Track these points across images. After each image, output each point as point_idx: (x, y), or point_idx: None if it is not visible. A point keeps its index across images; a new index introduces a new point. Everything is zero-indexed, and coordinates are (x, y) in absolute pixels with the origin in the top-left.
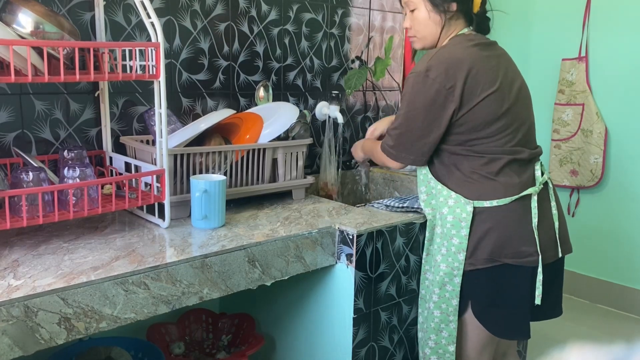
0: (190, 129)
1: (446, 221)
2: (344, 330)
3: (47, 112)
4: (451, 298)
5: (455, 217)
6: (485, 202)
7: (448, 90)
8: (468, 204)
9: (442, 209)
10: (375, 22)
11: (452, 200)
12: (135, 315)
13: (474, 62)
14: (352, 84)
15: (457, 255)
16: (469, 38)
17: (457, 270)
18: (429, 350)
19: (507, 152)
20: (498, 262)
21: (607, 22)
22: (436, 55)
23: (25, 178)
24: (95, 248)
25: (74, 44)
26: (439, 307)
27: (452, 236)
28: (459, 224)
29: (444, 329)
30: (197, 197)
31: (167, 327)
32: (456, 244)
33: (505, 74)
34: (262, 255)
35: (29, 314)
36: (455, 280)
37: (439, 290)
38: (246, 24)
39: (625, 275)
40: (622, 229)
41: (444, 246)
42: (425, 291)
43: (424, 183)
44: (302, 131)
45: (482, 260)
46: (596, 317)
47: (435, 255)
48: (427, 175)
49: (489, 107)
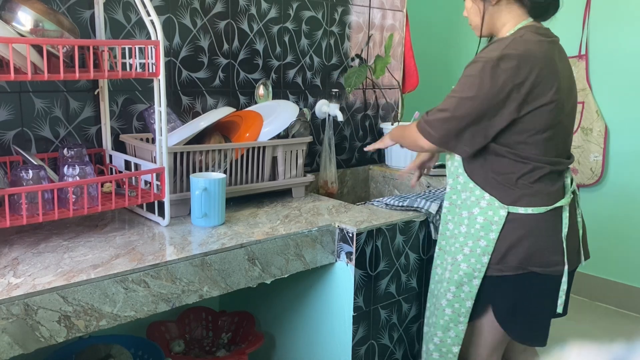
0: (190, 127)
1: (475, 222)
2: (344, 328)
3: (47, 110)
4: (466, 299)
5: (487, 219)
6: (520, 208)
7: (516, 85)
8: (502, 208)
9: (473, 209)
10: (375, 20)
11: (484, 202)
12: (135, 313)
13: (546, 62)
14: (352, 82)
15: (481, 257)
16: (539, 31)
17: (477, 272)
18: (433, 346)
19: (550, 162)
20: (526, 270)
21: (607, 20)
22: (511, 45)
23: (25, 176)
24: (95, 246)
25: (74, 42)
26: (452, 306)
27: (479, 238)
28: (489, 227)
29: (452, 329)
30: (197, 195)
31: (167, 325)
32: (482, 246)
33: (567, 80)
34: (262, 253)
35: (29, 312)
36: (474, 282)
37: (455, 289)
38: (246, 22)
39: (626, 274)
40: (622, 227)
41: (467, 246)
42: (434, 286)
43: (452, 176)
44: (302, 129)
45: (511, 268)
46: (596, 316)
47: (456, 254)
48: (458, 170)
49: (546, 115)
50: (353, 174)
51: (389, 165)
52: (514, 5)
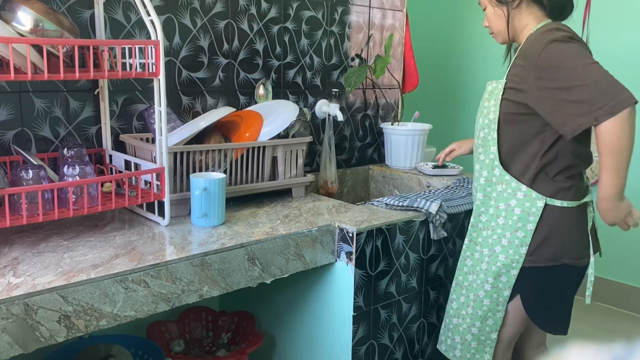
0: (190, 126)
1: (513, 213)
2: (344, 328)
3: (47, 110)
4: (504, 289)
5: (524, 210)
6: (556, 201)
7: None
8: (540, 199)
9: (510, 201)
10: (375, 19)
11: (521, 194)
12: (135, 313)
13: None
14: (352, 81)
15: (519, 248)
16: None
17: (515, 263)
18: (471, 336)
19: (585, 159)
20: (558, 262)
21: (607, 20)
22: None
23: (25, 176)
24: (95, 246)
25: (74, 42)
26: (490, 297)
27: (517, 229)
28: (526, 218)
29: (490, 317)
30: (197, 195)
31: (167, 325)
32: (520, 237)
33: None
34: (262, 253)
35: (29, 312)
36: (512, 272)
37: (492, 280)
38: (246, 22)
39: (626, 273)
40: None
41: (505, 237)
42: (463, 278)
43: (487, 168)
44: (302, 129)
45: (544, 259)
46: (596, 315)
47: (494, 245)
48: (494, 162)
49: None
50: (353, 174)
51: (389, 165)
52: (534, 7)
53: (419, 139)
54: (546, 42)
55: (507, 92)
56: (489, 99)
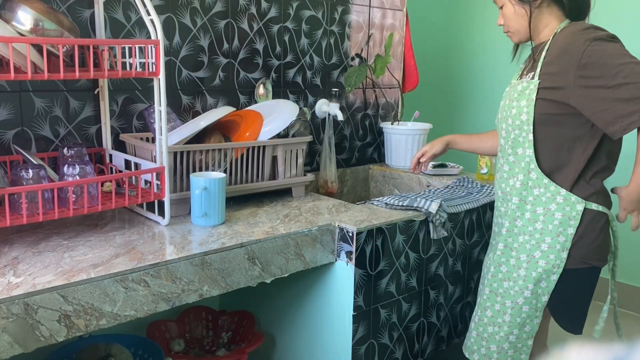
0: (190, 126)
1: (553, 218)
2: (344, 328)
3: (47, 109)
4: (542, 295)
5: (565, 214)
6: (593, 204)
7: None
8: (579, 203)
9: (549, 205)
10: (375, 19)
11: (560, 197)
12: (135, 312)
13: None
14: (352, 81)
15: (560, 253)
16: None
17: (556, 268)
18: (508, 344)
19: (614, 160)
20: (587, 264)
21: (607, 20)
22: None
23: (25, 175)
24: (95, 245)
25: (74, 42)
26: (529, 303)
27: (559, 233)
28: (567, 222)
29: (528, 324)
30: (197, 195)
31: (167, 324)
32: (561, 242)
33: None
34: (261, 252)
35: (29, 312)
36: (552, 277)
37: (532, 287)
38: (246, 22)
39: (626, 274)
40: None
41: (545, 242)
42: (497, 284)
43: (523, 172)
44: (302, 129)
45: (575, 262)
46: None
47: (532, 251)
48: (530, 165)
49: None
50: (353, 174)
51: (389, 165)
52: (554, 7)
53: (419, 138)
54: (588, 40)
55: (542, 92)
56: (518, 99)
